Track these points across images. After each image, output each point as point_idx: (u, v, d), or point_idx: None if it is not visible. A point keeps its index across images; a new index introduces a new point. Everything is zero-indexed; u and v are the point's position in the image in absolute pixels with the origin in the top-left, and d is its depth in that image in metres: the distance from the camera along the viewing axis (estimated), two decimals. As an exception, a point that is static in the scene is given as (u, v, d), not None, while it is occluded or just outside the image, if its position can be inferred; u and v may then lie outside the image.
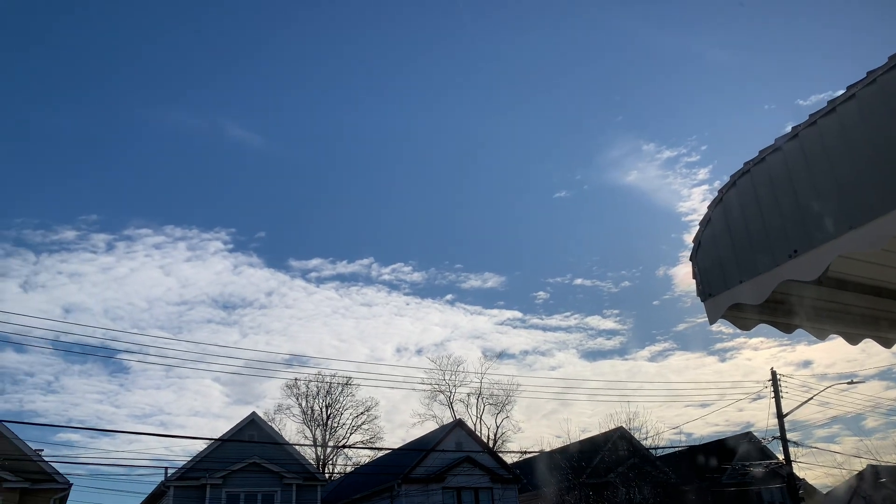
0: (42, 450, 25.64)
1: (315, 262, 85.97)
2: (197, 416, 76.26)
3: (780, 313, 4.39)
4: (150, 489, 31.73)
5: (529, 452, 41.56)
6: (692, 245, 4.39)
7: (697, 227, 4.38)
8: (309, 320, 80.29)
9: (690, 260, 4.27)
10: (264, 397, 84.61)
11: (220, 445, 28.69)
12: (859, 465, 41.93)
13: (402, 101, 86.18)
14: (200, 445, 30.26)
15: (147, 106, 76.37)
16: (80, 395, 74.78)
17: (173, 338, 78.29)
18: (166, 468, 29.47)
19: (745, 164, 3.95)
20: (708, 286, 4.14)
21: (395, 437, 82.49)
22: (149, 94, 76.60)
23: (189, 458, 29.74)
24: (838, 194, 3.48)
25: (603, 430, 38.50)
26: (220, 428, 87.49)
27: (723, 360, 77.19)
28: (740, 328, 4.29)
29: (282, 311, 79.60)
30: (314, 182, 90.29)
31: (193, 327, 74.97)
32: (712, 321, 4.10)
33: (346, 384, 55.89)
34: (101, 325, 73.63)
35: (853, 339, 4.72)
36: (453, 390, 56.64)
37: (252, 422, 30.06)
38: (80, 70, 74.23)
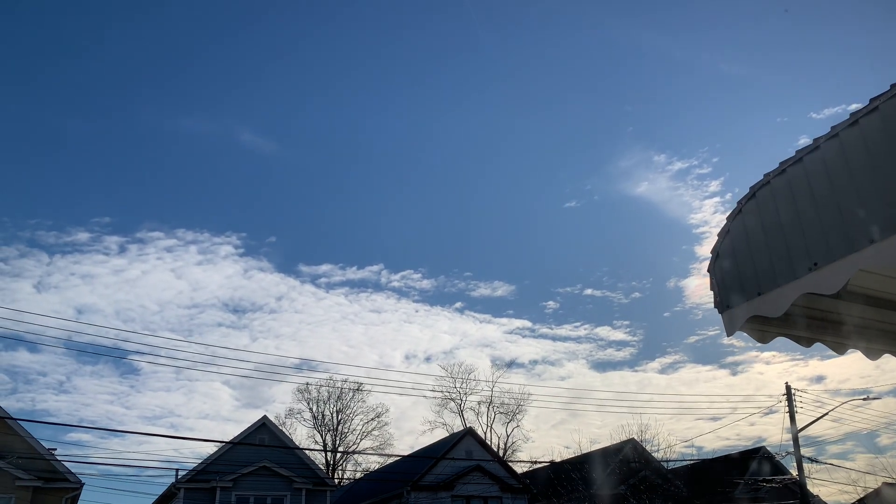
0: (55, 449, 25.86)
1: (325, 267, 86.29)
2: (206, 418, 76.63)
3: (798, 326, 4.35)
4: (159, 490, 31.87)
5: (540, 462, 41.35)
6: (709, 256, 4.36)
7: (714, 239, 4.36)
8: (318, 326, 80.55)
9: (708, 271, 4.25)
10: (273, 401, 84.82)
11: (231, 448, 28.76)
12: (874, 482, 41.36)
13: (415, 109, 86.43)
14: (210, 448, 30.41)
15: (161, 110, 77.20)
16: (91, 396, 75.38)
17: (184, 340, 78.83)
18: (177, 470, 29.58)
19: (766, 175, 3.92)
20: (726, 298, 4.11)
21: (404, 444, 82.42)
22: (163, 99, 77.42)
23: (199, 461, 29.85)
24: (860, 207, 3.45)
25: (614, 442, 38.25)
26: (230, 431, 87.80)
27: (734, 374, 76.45)
28: (758, 341, 4.25)
29: (291, 315, 79.93)
30: (325, 188, 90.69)
31: (204, 330, 75.43)
32: (730, 333, 4.07)
33: (358, 389, 55.94)
34: (113, 326, 74.30)
35: (872, 354, 4.66)
36: (464, 398, 56.51)
37: (263, 425, 30.11)
38: (95, 75, 75.10)
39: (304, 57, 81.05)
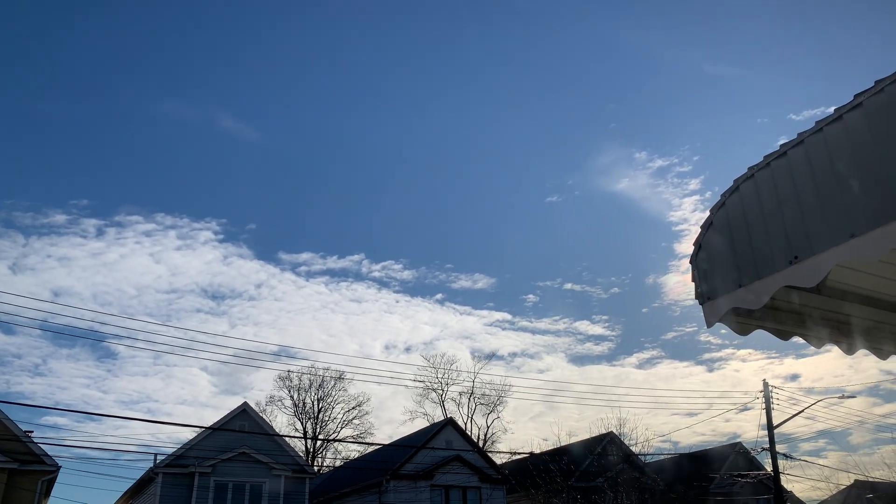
0: (31, 431, 25.62)
1: (305, 256, 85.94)
2: (184, 404, 76.26)
3: (777, 320, 4.40)
4: (136, 475, 31.74)
5: (519, 453, 41.59)
6: (688, 254, 4.40)
7: (693, 237, 4.40)
8: (298, 314, 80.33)
9: (690, 263, 4.29)
10: (252, 388, 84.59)
11: (210, 434, 28.66)
12: (846, 479, 42.08)
13: (399, 101, 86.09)
14: (188, 434, 30.28)
15: (141, 93, 76.18)
16: (67, 379, 74.71)
17: (163, 324, 78.32)
18: (155, 455, 29.44)
19: (750, 168, 3.96)
20: (707, 289, 4.15)
21: (383, 433, 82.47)
22: (143, 82, 76.42)
23: (177, 447, 29.71)
24: (841, 202, 3.49)
25: (593, 434, 38.58)
26: (208, 417, 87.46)
27: (711, 371, 77.36)
28: (738, 332, 4.30)
29: (271, 303, 79.65)
30: (307, 176, 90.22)
31: (182, 316, 74.97)
32: (710, 324, 4.11)
33: (339, 378, 55.92)
34: (90, 309, 73.64)
35: (849, 349, 4.73)
36: (445, 389, 56.70)
37: (243, 412, 30.03)
38: (74, 56, 74.00)
39: (288, 45, 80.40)
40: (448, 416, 43.74)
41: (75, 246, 72.44)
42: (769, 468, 30.45)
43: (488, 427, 55.86)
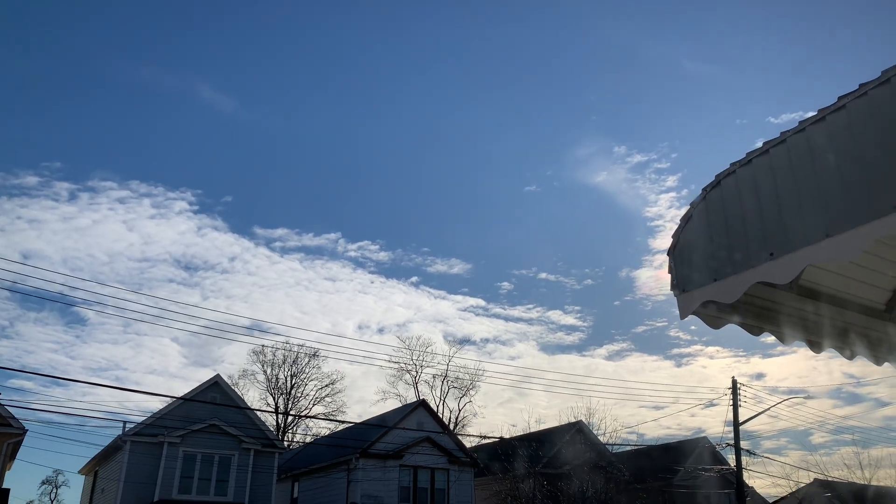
0: (-1, 393, 25.34)
1: (280, 231, 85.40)
2: (154, 374, 75.82)
3: (750, 315, 4.48)
4: (103, 442, 31.55)
5: (489, 437, 41.97)
6: (662, 250, 4.45)
7: (669, 233, 4.45)
8: (271, 289, 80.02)
9: (668, 254, 4.33)
10: (223, 361, 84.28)
11: (181, 405, 28.55)
12: (806, 477, 43.03)
13: (380, 81, 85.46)
14: (157, 404, 30.17)
15: (118, 56, 74.74)
16: (34, 343, 73.91)
17: (134, 292, 77.55)
18: (124, 423, 29.29)
19: (732, 164, 4.00)
20: (682, 282, 4.21)
21: (353, 412, 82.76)
22: (120, 45, 74.92)
23: (144, 416, 29.55)
24: (819, 202, 3.55)
25: (562, 423, 39.02)
26: (177, 388, 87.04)
27: (679, 366, 78.55)
28: (710, 326, 4.37)
29: (244, 277, 79.27)
30: (285, 151, 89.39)
31: (154, 285, 74.31)
32: (683, 316, 4.17)
33: (314, 356, 55.90)
34: (60, 272, 72.68)
35: (817, 348, 4.83)
36: (419, 371, 56.94)
37: (215, 384, 29.95)
38: (49, 14, 72.34)
39: (269, 18, 79.19)
40: (421, 397, 43.96)
41: (46, 209, 71.31)
42: (733, 463, 31.05)
43: (460, 410, 56.28)
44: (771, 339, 5.00)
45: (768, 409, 30.47)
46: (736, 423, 29.55)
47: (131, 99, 77.57)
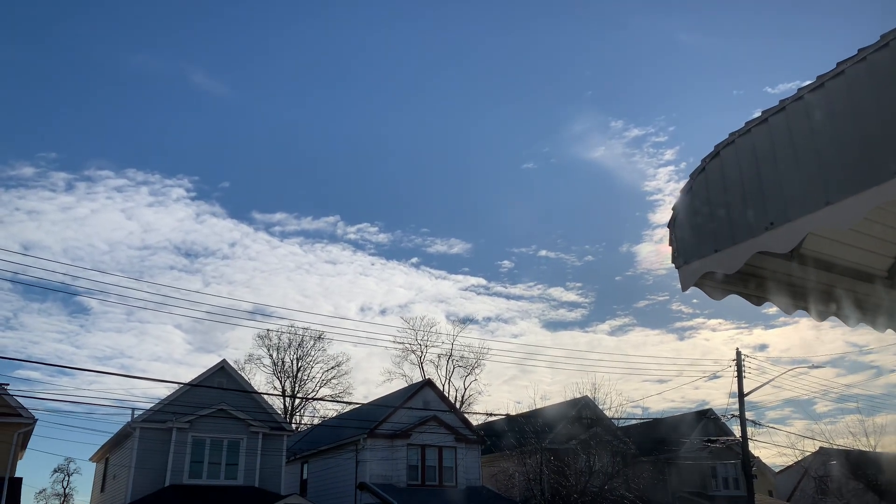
0: (7, 384, 25.53)
1: (279, 216, 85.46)
2: (158, 361, 76.36)
3: (751, 285, 4.48)
4: (113, 430, 31.83)
5: (495, 415, 42.27)
6: (662, 224, 4.46)
7: (668, 206, 4.44)
8: (272, 274, 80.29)
9: (668, 227, 4.33)
10: (227, 346, 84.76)
11: (188, 391, 28.76)
12: (811, 446, 43.37)
13: (375, 64, 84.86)
14: (163, 391, 30.42)
15: (111, 45, 74.34)
16: (39, 334, 74.33)
17: (136, 280, 77.87)
18: (132, 410, 29.56)
19: (731, 134, 3.98)
20: (683, 254, 4.21)
21: (358, 393, 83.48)
22: (112, 33, 74.47)
23: (152, 402, 29.77)
24: (818, 171, 3.54)
25: (567, 399, 39.25)
26: (182, 374, 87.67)
27: (681, 339, 78.83)
28: (712, 297, 4.37)
29: (245, 262, 79.48)
30: (280, 135, 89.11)
31: (155, 273, 74.60)
32: (685, 288, 4.18)
33: (319, 338, 56.16)
34: (61, 262, 72.92)
35: (819, 316, 4.83)
36: (424, 351, 57.22)
37: (221, 369, 30.13)
38: (41, 2, 71.78)
39: (257, 2, 78.50)
40: (426, 377, 44.21)
41: (44, 200, 71.36)
42: (738, 434, 31.26)
43: (465, 389, 56.64)
44: (773, 309, 5.01)
45: (772, 379, 30.62)
46: (741, 394, 29.70)
47: (124, 87, 77.26)
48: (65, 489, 63.94)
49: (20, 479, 25.59)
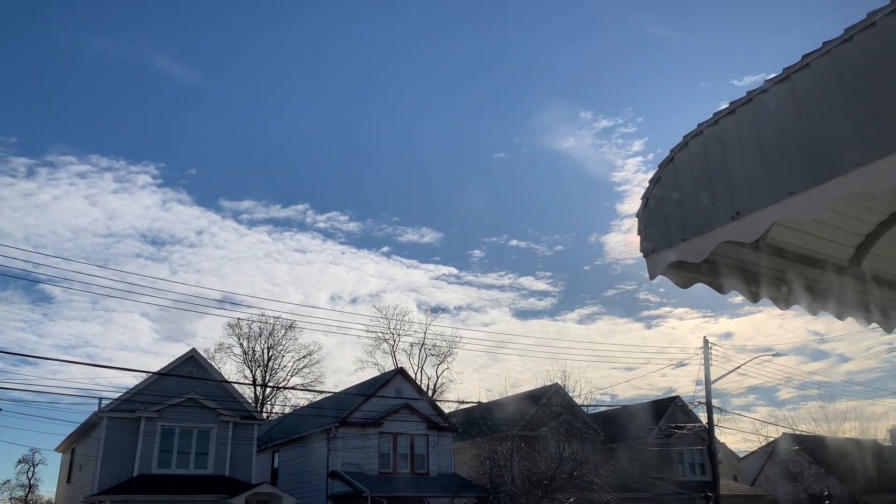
0: (-31, 373, 24.97)
1: (247, 203, 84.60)
2: (125, 350, 75.26)
3: (717, 274, 4.55)
4: (78, 420, 31.37)
5: (468, 402, 42.50)
6: (630, 214, 4.50)
7: (636, 197, 4.48)
8: (241, 262, 79.55)
9: (637, 216, 4.37)
10: (195, 335, 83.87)
11: (157, 380, 28.41)
12: (775, 432, 44.42)
13: (345, 52, 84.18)
14: (131, 380, 30.00)
15: (72, 28, 72.63)
16: (0, 322, 72.70)
17: (101, 267, 76.59)
18: (100, 399, 29.12)
19: (699, 125, 4.02)
20: (652, 242, 4.25)
21: (330, 382, 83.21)
22: (75, 16, 72.78)
23: (119, 392, 29.37)
24: (783, 162, 3.59)
25: (538, 386, 39.61)
26: (150, 363, 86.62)
27: (649, 328, 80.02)
28: (679, 285, 4.43)
29: (212, 250, 78.58)
30: (249, 123, 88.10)
31: (121, 261, 73.43)
32: (653, 276, 4.23)
33: (290, 327, 55.82)
34: (23, 249, 71.27)
35: (783, 305, 4.93)
36: (397, 339, 57.22)
37: (191, 358, 29.82)
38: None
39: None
40: (399, 366, 44.24)
41: (4, 185, 69.69)
42: (704, 421, 31.85)
43: (438, 377, 56.84)
44: (738, 298, 5.09)
45: (738, 367, 31.23)
46: (707, 382, 30.24)
47: (87, 71, 75.60)
48: (30, 480, 62.91)
49: (-17, 470, 25.09)
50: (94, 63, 76.31)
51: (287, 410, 51.73)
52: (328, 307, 75.60)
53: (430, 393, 48.75)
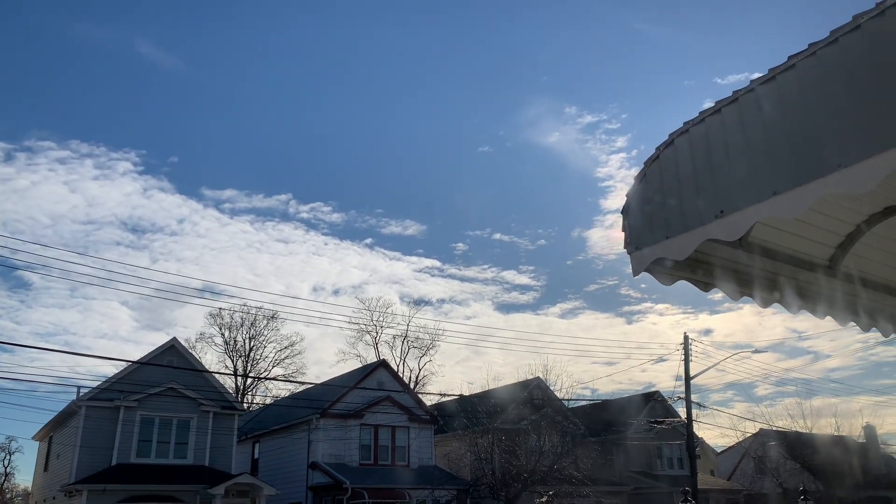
0: (-56, 360, 24.60)
1: (229, 192, 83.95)
2: (105, 338, 74.53)
3: (700, 272, 4.59)
4: (56, 408, 31.07)
5: (449, 395, 42.58)
6: (613, 210, 4.52)
7: (620, 193, 4.50)
8: (222, 251, 78.98)
9: (622, 213, 4.39)
10: (176, 325, 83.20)
11: (137, 368, 28.19)
12: (752, 428, 45.01)
13: (332, 43, 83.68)
14: (110, 368, 29.75)
15: (51, 11, 71.48)
16: (-25, 309, 71.73)
17: (80, 254, 75.76)
18: (78, 388, 28.82)
19: (685, 123, 4.04)
20: (635, 240, 4.28)
21: (311, 373, 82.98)
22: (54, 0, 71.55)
23: (98, 381, 29.11)
24: (767, 161, 3.62)
25: (519, 380, 39.78)
26: (130, 352, 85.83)
27: (630, 323, 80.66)
28: (662, 282, 4.46)
29: (194, 239, 77.94)
30: (231, 111, 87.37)
31: (101, 248, 72.63)
32: (636, 273, 4.25)
33: (272, 318, 55.57)
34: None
35: (763, 303, 4.98)
36: (380, 332, 57.18)
37: (172, 347, 29.60)
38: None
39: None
40: (381, 358, 44.24)
41: (-19, 171, 68.55)
42: (683, 416, 32.19)
43: (420, 370, 56.91)
44: (718, 295, 5.15)
45: (718, 363, 31.58)
46: (687, 377, 30.55)
47: (67, 56, 74.50)
48: (6, 468, 62.25)
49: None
50: (75, 48, 75.27)
51: (268, 401, 51.59)
52: (310, 298, 75.30)
53: (412, 385, 48.79)
